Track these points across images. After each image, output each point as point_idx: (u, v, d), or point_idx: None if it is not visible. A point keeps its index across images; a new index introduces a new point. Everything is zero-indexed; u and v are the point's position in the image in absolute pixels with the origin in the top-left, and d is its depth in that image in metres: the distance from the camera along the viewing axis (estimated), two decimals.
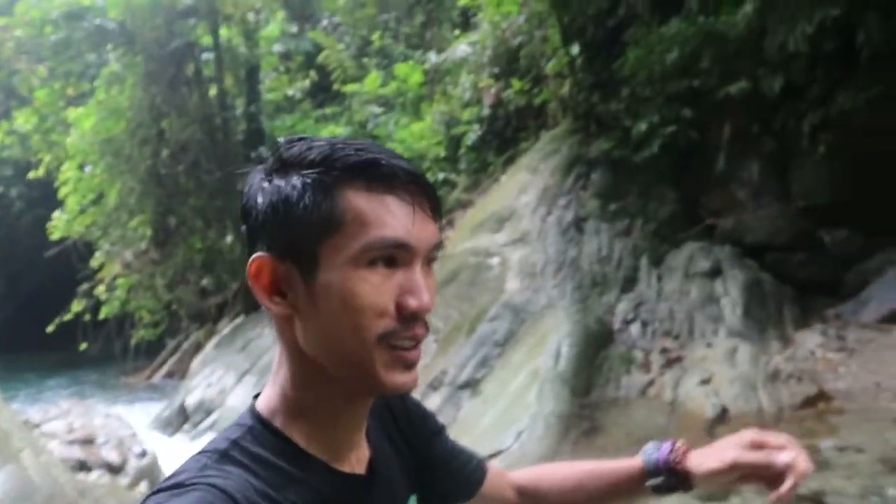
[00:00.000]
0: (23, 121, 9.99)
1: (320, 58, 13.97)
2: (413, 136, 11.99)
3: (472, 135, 12.60)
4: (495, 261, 7.76)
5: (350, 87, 14.29)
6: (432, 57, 14.05)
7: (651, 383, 5.73)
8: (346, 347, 0.80)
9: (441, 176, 11.48)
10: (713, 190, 10.29)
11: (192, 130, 10.52)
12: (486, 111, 13.14)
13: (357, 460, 0.89)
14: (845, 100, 9.13)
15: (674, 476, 1.07)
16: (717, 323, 6.49)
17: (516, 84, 12.18)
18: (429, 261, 0.85)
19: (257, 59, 11.75)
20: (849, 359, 5.83)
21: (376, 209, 0.80)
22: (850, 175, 9.18)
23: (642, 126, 10.43)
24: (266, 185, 0.83)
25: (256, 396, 0.89)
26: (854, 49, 8.86)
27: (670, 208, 9.74)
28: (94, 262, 10.67)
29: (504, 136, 12.95)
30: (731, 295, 6.72)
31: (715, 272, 7.08)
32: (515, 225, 8.51)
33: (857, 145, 9.17)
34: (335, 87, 14.30)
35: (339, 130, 13.45)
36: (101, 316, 11.04)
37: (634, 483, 1.09)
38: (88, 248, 11.03)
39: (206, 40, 10.95)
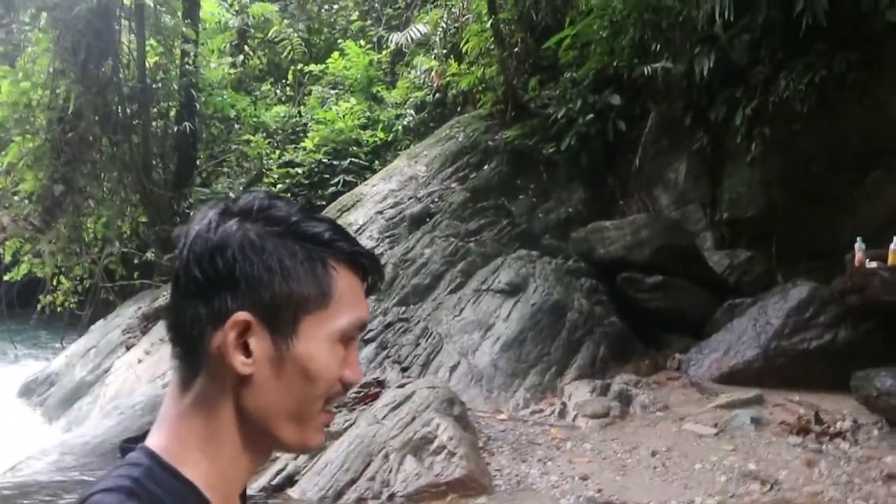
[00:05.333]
0: None
1: (271, 34, 13.18)
2: (337, 116, 10.92)
3: (407, 119, 11.36)
4: None
5: (314, 68, 13.42)
6: (395, 37, 12.89)
7: None
8: (299, 411, 0.83)
9: (346, 162, 10.28)
10: (635, 192, 8.50)
11: (88, 98, 10.04)
12: (432, 94, 11.87)
13: None
14: (787, 86, 7.13)
15: None
16: (464, 356, 4.92)
17: (452, 66, 10.81)
18: None
19: (190, 31, 11.12)
20: (597, 432, 4.13)
21: (353, 292, 0.84)
22: (784, 184, 7.20)
23: (560, 114, 8.81)
24: (253, 238, 0.80)
25: (135, 439, 0.84)
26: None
27: (568, 211, 8.08)
28: None
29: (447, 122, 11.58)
30: (509, 321, 5.11)
31: (515, 290, 5.47)
32: (348, 217, 7.23)
33: (798, 144, 7.16)
34: (294, 67, 13.46)
35: (279, 109, 12.60)
36: (9, 278, 10.90)
37: None
38: None
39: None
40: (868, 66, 6.67)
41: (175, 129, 11.51)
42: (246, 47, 13.53)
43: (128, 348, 8.44)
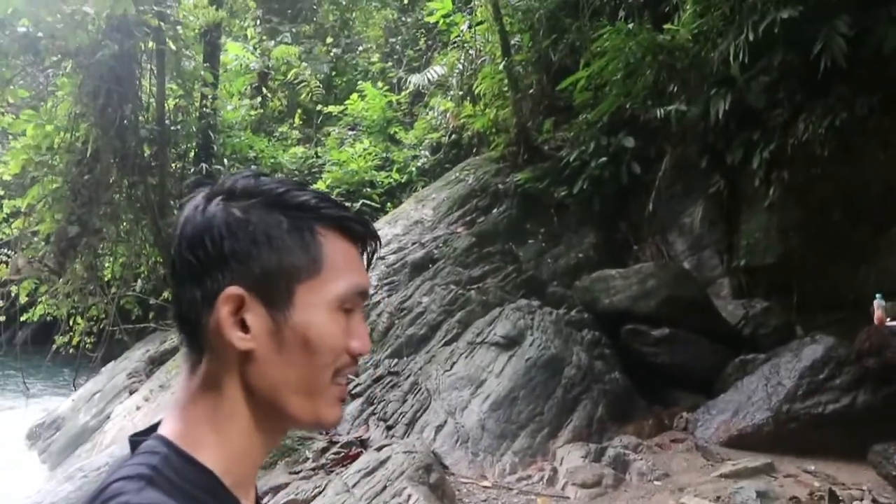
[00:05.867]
0: None
1: (290, 76, 13.30)
2: (351, 158, 10.87)
3: (422, 160, 11.27)
4: None
5: (333, 109, 13.49)
6: (413, 78, 12.92)
7: (277, 490, 3.99)
8: (306, 385, 0.82)
9: (358, 204, 10.20)
10: (649, 237, 8.21)
11: (106, 141, 10.19)
12: (448, 136, 11.80)
13: (249, 497, 0.86)
14: (806, 129, 6.84)
15: None
16: (451, 415, 4.64)
17: (467, 108, 10.72)
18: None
19: (208, 75, 11.30)
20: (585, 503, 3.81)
21: (347, 258, 0.84)
22: (803, 231, 6.85)
23: (572, 156, 8.61)
24: (237, 214, 0.80)
25: (145, 431, 0.84)
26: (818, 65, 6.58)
27: (578, 256, 7.83)
28: None
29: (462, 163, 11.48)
30: (501, 377, 4.84)
31: (511, 343, 5.19)
32: None
33: (818, 190, 6.82)
34: (314, 107, 13.55)
35: (297, 150, 12.66)
36: (26, 318, 11.02)
37: None
38: None
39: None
40: (891, 111, 6.36)
41: (192, 171, 11.62)
42: (265, 89, 13.71)
43: (131, 393, 8.32)
